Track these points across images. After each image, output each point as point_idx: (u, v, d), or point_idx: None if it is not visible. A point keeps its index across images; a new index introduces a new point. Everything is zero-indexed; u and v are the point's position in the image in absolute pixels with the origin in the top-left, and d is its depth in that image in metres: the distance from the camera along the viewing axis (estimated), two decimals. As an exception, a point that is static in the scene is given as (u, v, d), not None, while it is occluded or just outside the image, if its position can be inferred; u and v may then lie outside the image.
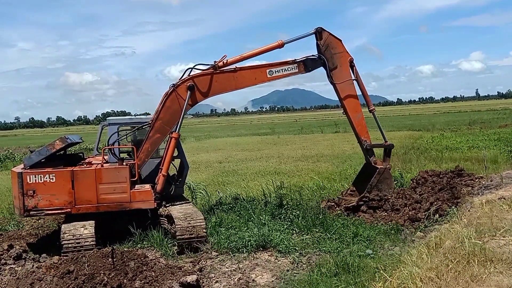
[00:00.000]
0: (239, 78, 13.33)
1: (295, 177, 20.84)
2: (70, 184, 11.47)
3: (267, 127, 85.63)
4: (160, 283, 8.88)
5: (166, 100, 12.77)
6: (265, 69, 13.57)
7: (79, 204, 11.53)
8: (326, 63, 13.83)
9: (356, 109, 14.33)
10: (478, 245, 6.83)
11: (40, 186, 11.37)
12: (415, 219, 12.51)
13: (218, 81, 13.13)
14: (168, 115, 12.72)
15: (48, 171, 11.46)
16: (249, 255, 10.58)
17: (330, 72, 13.92)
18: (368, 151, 14.46)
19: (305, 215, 12.89)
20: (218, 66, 13.07)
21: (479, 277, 5.93)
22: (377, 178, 13.98)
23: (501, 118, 62.93)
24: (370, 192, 13.79)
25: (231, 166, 26.77)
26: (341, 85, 14.02)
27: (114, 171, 11.81)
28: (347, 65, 14.02)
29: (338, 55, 13.91)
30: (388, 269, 7.45)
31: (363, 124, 14.49)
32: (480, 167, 17.46)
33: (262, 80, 13.58)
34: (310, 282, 8.50)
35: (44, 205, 11.41)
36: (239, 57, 13.47)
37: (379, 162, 14.47)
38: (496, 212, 8.99)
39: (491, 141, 30.35)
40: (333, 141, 41.32)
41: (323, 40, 13.84)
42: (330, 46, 13.87)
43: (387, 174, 14.23)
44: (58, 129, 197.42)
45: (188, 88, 12.79)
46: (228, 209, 14.07)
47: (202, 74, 13.08)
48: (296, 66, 13.77)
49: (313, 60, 13.94)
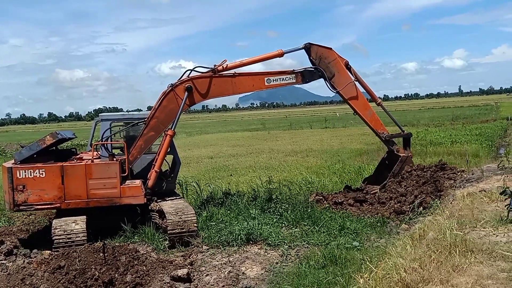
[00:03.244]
0: (237, 83, 13.46)
1: (284, 171, 21.04)
2: (59, 179, 11.55)
3: (257, 123, 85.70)
4: (151, 277, 9.01)
5: (164, 99, 12.89)
6: (264, 77, 13.70)
7: (68, 199, 11.62)
8: (325, 74, 13.97)
9: (365, 106, 14.54)
10: (459, 236, 6.98)
11: (29, 181, 11.44)
12: (400, 211, 12.77)
13: (216, 85, 13.27)
14: (163, 114, 12.85)
15: (38, 166, 11.54)
16: (239, 248, 10.75)
17: (330, 81, 14.07)
18: (389, 142, 14.70)
19: (294, 209, 13.10)
20: (218, 70, 13.24)
21: (460, 267, 6.07)
22: (399, 165, 14.30)
23: (483, 114, 64.28)
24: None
25: (222, 161, 26.90)
26: (344, 90, 14.16)
27: (104, 166, 11.88)
28: (344, 70, 14.16)
29: (333, 63, 14.04)
30: (374, 261, 7.58)
31: (376, 119, 14.69)
32: (462, 161, 17.83)
33: (259, 87, 13.78)
34: (298, 274, 8.70)
35: (34, 200, 11.50)
36: (239, 63, 13.65)
37: (402, 150, 14.71)
38: (477, 204, 9.19)
39: (473, 136, 30.99)
40: (322, 137, 41.60)
41: (314, 53, 14.03)
42: (323, 57, 14.01)
43: (409, 161, 14.54)
44: (49, 125, 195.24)
45: (186, 89, 12.92)
46: (218, 203, 14.22)
47: (201, 77, 13.25)
48: (294, 77, 13.91)
49: (311, 72, 14.10)
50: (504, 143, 28.76)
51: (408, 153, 14.61)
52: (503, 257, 6.21)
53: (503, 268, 5.84)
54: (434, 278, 5.80)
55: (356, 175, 18.62)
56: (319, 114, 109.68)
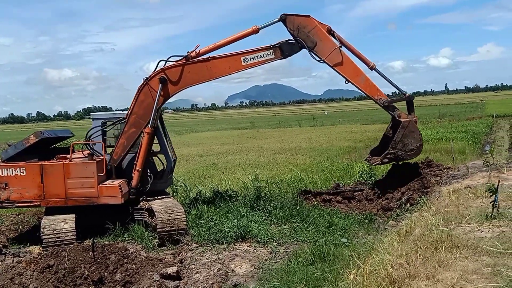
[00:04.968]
0: (213, 68, 12.90)
1: (273, 169, 21.10)
2: (39, 178, 11.62)
3: (246, 121, 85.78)
4: (141, 275, 9.02)
5: (140, 94, 12.62)
6: (239, 56, 12.99)
7: (48, 197, 11.67)
8: (305, 45, 13.03)
9: (356, 73, 13.41)
10: (445, 232, 7.06)
11: (11, 179, 11.59)
12: (387, 208, 12.86)
13: (190, 72, 12.79)
14: (142, 109, 12.58)
15: (19, 165, 11.65)
16: (228, 246, 10.80)
17: (313, 51, 13.12)
18: (388, 107, 13.60)
19: (283, 206, 13.17)
20: (191, 56, 12.72)
21: (446, 262, 6.14)
22: (401, 132, 13.23)
23: (469, 111, 64.76)
24: (394, 148, 13.27)
25: (212, 159, 26.93)
26: (330, 57, 13.13)
27: (81, 166, 11.83)
28: (326, 36, 13.18)
29: (313, 31, 13.05)
30: (361, 257, 7.64)
31: (370, 84, 13.56)
32: (449, 158, 17.97)
33: (237, 68, 13.05)
34: (287, 270, 8.77)
35: (15, 197, 11.62)
36: (212, 46, 13.03)
37: (404, 115, 13.59)
38: (462, 200, 9.30)
39: (459, 133, 31.17)
40: (310, 135, 41.75)
41: (291, 24, 13.08)
42: (301, 27, 13.03)
43: (412, 127, 13.39)
44: (38, 124, 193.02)
45: (160, 81, 12.52)
46: (208, 201, 14.24)
47: (174, 66, 12.76)
48: (272, 52, 13.08)
49: (290, 44, 13.16)
50: (489, 140, 29.10)
51: (412, 118, 13.48)
52: (487, 252, 6.30)
53: (487, 263, 5.93)
54: (420, 273, 5.87)
55: (344, 172, 18.72)
56: (308, 112, 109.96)
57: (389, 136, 14.09)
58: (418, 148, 13.41)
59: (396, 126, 13.65)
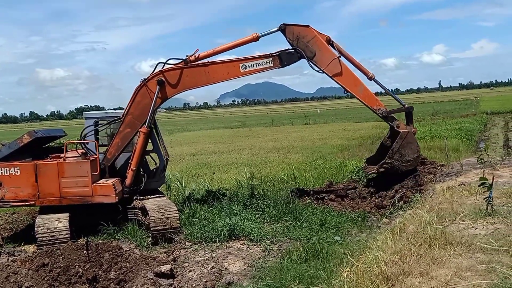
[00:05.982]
0: (211, 72, 12.96)
1: (266, 168, 21.10)
2: (33, 177, 11.61)
3: (239, 120, 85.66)
4: (134, 273, 9.03)
5: (137, 94, 12.67)
6: (238, 63, 13.09)
7: (42, 197, 11.66)
8: (304, 55, 13.10)
9: (355, 83, 13.53)
10: (439, 229, 7.06)
11: (6, 178, 11.58)
12: (381, 206, 12.91)
13: (189, 76, 12.86)
14: (138, 110, 12.63)
15: (13, 164, 11.65)
16: (221, 244, 10.82)
17: (312, 61, 13.20)
18: (387, 118, 13.72)
19: (276, 205, 13.20)
20: (190, 60, 12.82)
21: (439, 260, 6.15)
22: (399, 142, 13.32)
23: (463, 109, 64.55)
24: (391, 158, 13.32)
25: (204, 158, 26.91)
26: (329, 68, 13.21)
27: (75, 165, 11.86)
28: (325, 46, 13.26)
29: (312, 41, 13.14)
30: (355, 255, 7.64)
31: (369, 95, 13.77)
32: (442, 156, 17.95)
33: (235, 75, 13.13)
34: (281, 269, 8.79)
35: (10, 197, 11.60)
36: (212, 51, 13.15)
37: (403, 126, 13.71)
38: (456, 197, 9.31)
39: (453, 131, 31.07)
40: (303, 133, 41.75)
41: (290, 34, 13.20)
42: (300, 37, 13.13)
43: (411, 138, 13.47)
44: (31, 124, 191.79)
45: (158, 83, 12.59)
46: (201, 200, 14.23)
47: (172, 69, 12.87)
48: (271, 60, 13.17)
49: (289, 54, 13.21)
50: (483, 137, 29.14)
51: (411, 129, 13.57)
52: (481, 249, 6.32)
53: (481, 260, 5.94)
54: (414, 270, 5.89)
55: (337, 170, 18.76)
56: (300, 111, 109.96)
57: (387, 145, 14.21)
58: (415, 159, 13.61)
59: (394, 136, 13.78)
